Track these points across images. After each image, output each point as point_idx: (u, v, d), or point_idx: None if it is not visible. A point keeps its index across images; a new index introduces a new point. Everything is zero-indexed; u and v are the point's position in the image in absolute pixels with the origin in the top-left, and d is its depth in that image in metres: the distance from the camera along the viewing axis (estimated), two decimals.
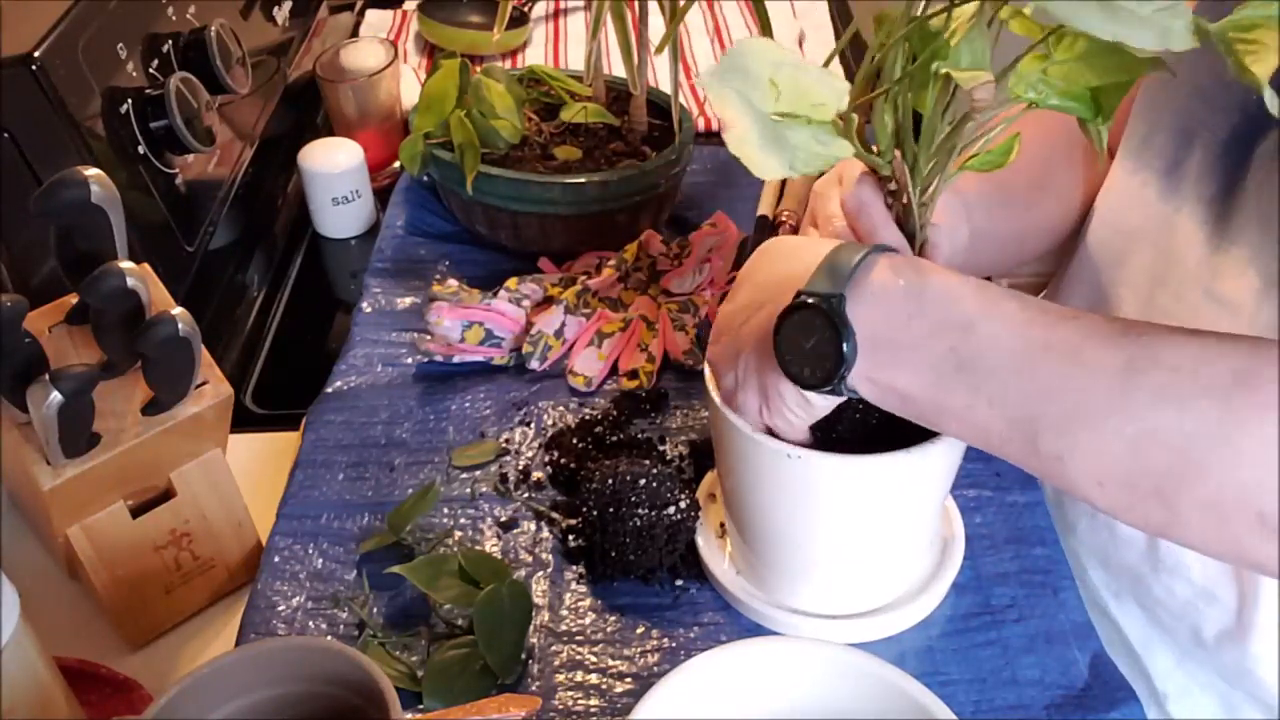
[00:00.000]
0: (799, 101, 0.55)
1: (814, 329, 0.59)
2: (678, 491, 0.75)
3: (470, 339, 0.92)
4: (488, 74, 1.03)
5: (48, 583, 0.80)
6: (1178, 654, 0.79)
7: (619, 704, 0.70)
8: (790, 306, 0.59)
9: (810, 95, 0.55)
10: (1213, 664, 0.77)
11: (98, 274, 0.64)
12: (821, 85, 0.55)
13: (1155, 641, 0.80)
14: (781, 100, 0.54)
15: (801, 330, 0.59)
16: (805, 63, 0.55)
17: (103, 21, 0.90)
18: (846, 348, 0.58)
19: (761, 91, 0.54)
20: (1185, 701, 0.79)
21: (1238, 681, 0.76)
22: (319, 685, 0.57)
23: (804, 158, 0.55)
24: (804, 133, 0.55)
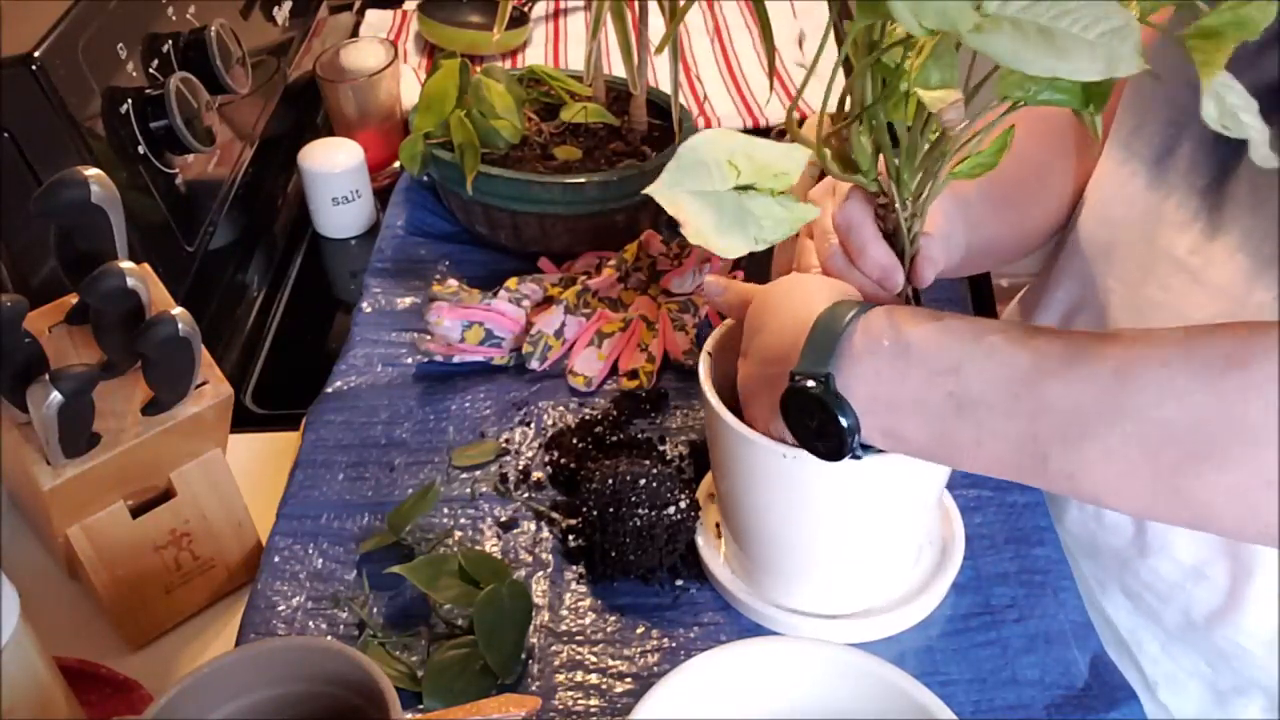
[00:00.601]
0: (759, 175, 0.55)
1: (812, 411, 0.60)
2: (678, 491, 0.76)
3: (470, 339, 0.92)
4: (488, 74, 1.03)
5: (48, 583, 0.80)
6: (1164, 638, 0.79)
7: (619, 704, 0.70)
8: (787, 392, 0.61)
9: (770, 168, 0.55)
10: (1201, 646, 0.77)
11: (98, 274, 0.64)
12: (780, 158, 0.56)
13: (1141, 629, 0.80)
14: (742, 176, 0.55)
15: (803, 413, 0.61)
16: (760, 141, 0.55)
17: (103, 21, 0.90)
18: (846, 423, 0.59)
19: (720, 172, 0.55)
20: (1173, 688, 0.79)
21: (1227, 662, 0.76)
22: (319, 685, 0.57)
23: (769, 227, 0.55)
24: (766, 202, 0.56)
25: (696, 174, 0.54)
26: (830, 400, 0.59)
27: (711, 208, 0.54)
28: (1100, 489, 0.56)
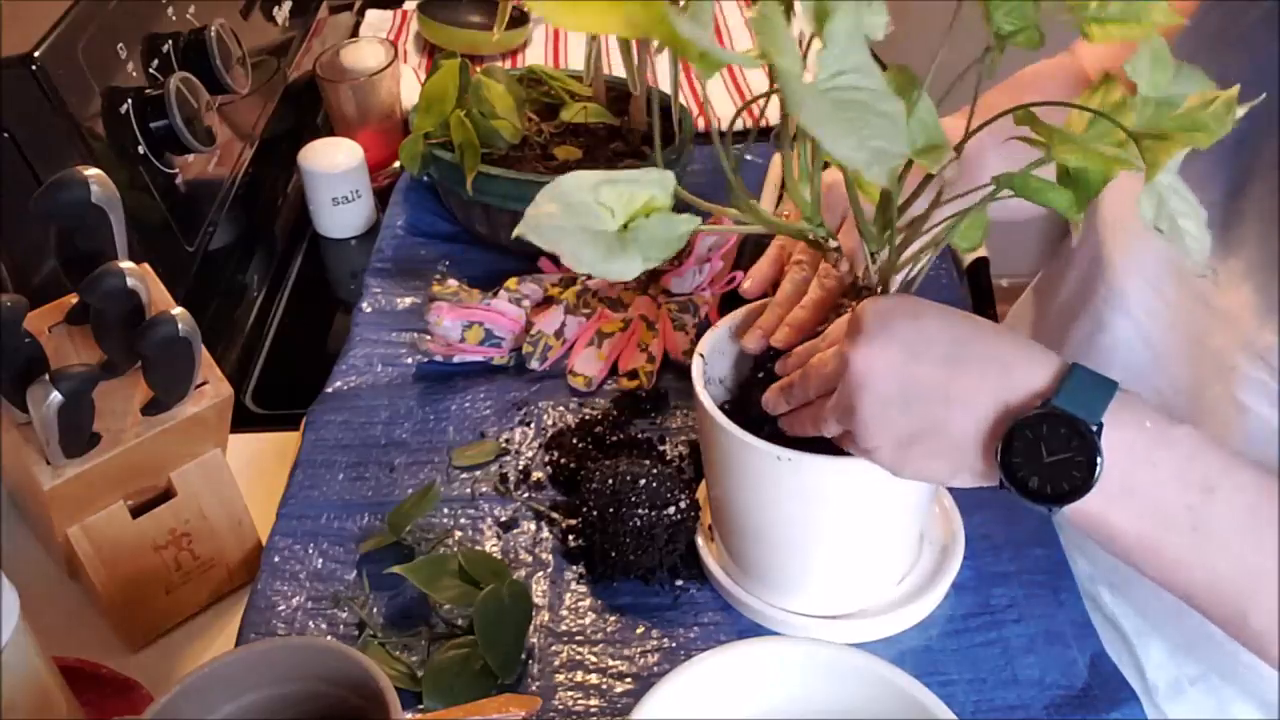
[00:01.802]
0: (632, 207, 0.55)
1: (1066, 447, 0.57)
2: (678, 491, 0.75)
3: (470, 339, 0.92)
4: (488, 74, 1.03)
5: (48, 583, 0.80)
6: (1169, 648, 0.79)
7: (619, 704, 0.70)
8: (1042, 415, 0.57)
9: (639, 198, 0.55)
10: (1207, 659, 0.77)
11: (98, 274, 0.64)
12: (643, 185, 0.55)
13: (1148, 633, 0.80)
14: (617, 215, 0.55)
15: (1050, 442, 0.57)
16: (615, 173, 0.55)
17: (103, 21, 0.90)
18: (1098, 474, 0.56)
19: (594, 216, 0.55)
20: (1175, 695, 0.79)
21: (1232, 676, 0.76)
22: (319, 685, 0.57)
23: (658, 246, 0.55)
24: (650, 226, 0.55)
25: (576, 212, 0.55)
26: (1094, 446, 0.56)
27: (591, 242, 0.54)
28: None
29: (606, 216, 0.55)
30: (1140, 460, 0.57)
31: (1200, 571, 0.58)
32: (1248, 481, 0.57)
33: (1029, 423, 0.57)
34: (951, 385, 0.59)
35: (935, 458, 0.60)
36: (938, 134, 0.55)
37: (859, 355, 0.60)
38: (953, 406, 0.59)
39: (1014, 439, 0.58)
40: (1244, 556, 0.57)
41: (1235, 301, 0.68)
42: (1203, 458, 0.58)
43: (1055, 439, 0.57)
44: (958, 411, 0.59)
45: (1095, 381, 0.58)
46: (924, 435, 0.60)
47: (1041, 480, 0.58)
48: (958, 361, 0.59)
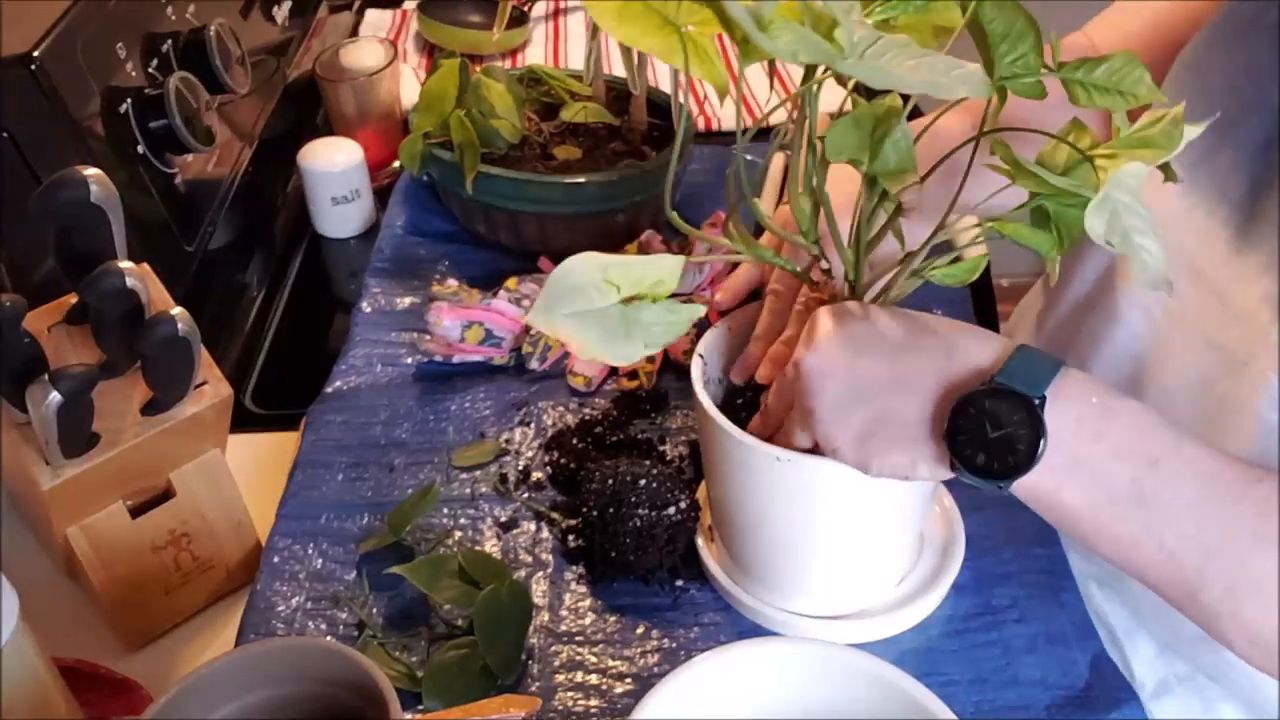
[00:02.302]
0: (638, 287, 0.57)
1: (1009, 422, 0.57)
2: (678, 492, 0.75)
3: (470, 339, 0.92)
4: (488, 74, 1.03)
5: (48, 583, 0.79)
6: (1158, 646, 0.79)
7: (619, 704, 0.70)
8: (985, 391, 0.58)
9: (646, 279, 0.57)
10: (1194, 659, 0.77)
11: (97, 274, 0.64)
12: (653, 268, 0.57)
13: (1137, 631, 0.80)
14: (623, 290, 0.57)
15: (993, 418, 0.57)
16: (628, 258, 0.57)
17: (102, 21, 0.90)
18: (1042, 447, 0.57)
19: (599, 291, 0.56)
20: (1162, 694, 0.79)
21: (1219, 676, 0.76)
22: (319, 685, 0.57)
23: (658, 333, 0.57)
24: (654, 310, 0.57)
25: (573, 298, 0.56)
26: (1039, 419, 0.57)
27: (594, 325, 0.56)
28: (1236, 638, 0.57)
29: (611, 292, 0.56)
30: (1086, 434, 0.58)
31: (1149, 547, 0.58)
32: (1194, 456, 0.57)
33: (972, 399, 0.58)
34: (898, 373, 0.60)
35: (892, 450, 0.61)
36: (910, 160, 0.57)
37: (809, 359, 0.62)
38: (899, 393, 0.60)
39: (958, 416, 0.58)
40: (1191, 532, 0.57)
41: (1253, 297, 0.68)
42: (1150, 431, 0.58)
43: (999, 414, 0.57)
44: (905, 397, 0.60)
45: (1039, 358, 0.58)
46: (878, 427, 0.61)
47: (988, 456, 0.58)
48: (903, 350, 0.61)
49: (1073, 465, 0.58)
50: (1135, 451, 0.57)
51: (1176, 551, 0.57)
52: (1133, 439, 0.58)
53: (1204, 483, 0.57)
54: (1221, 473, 0.57)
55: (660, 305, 0.57)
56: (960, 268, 0.63)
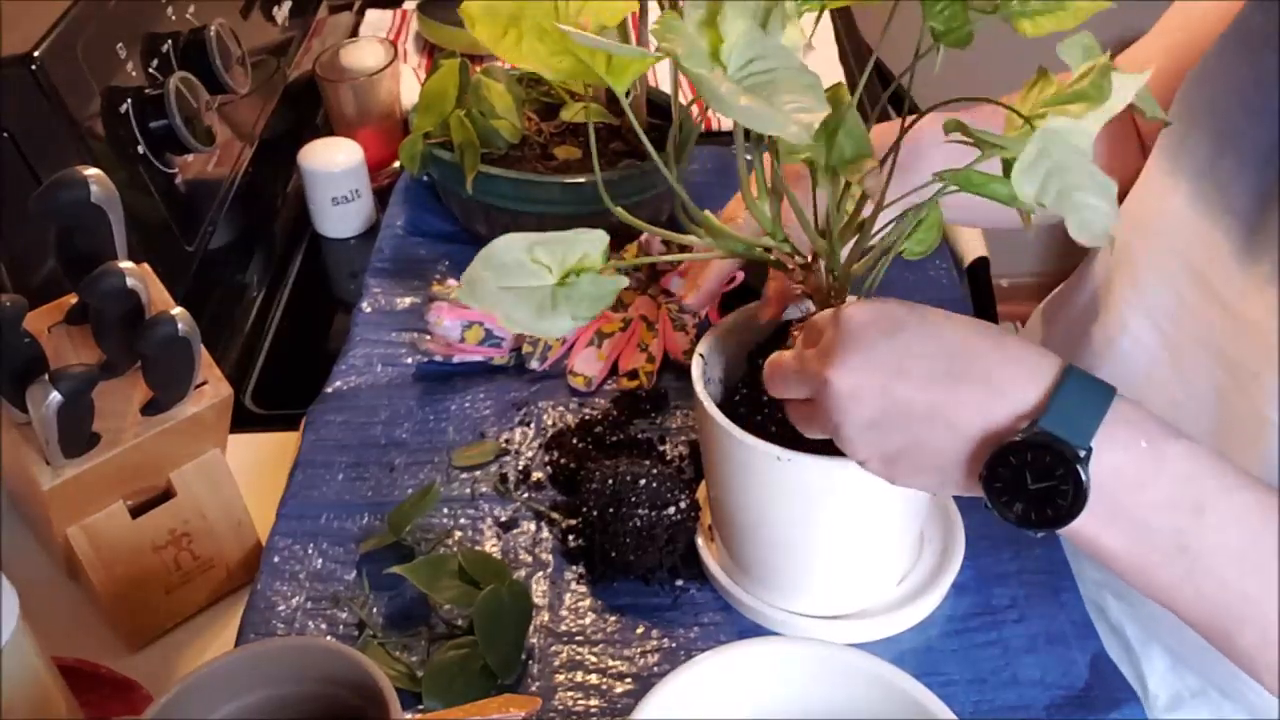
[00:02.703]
0: (566, 263, 0.58)
1: (1050, 476, 0.55)
2: (678, 491, 0.75)
3: (470, 339, 0.92)
4: (488, 74, 1.03)
5: (48, 583, 0.79)
6: (1171, 659, 0.79)
7: (619, 704, 0.70)
8: (1024, 442, 0.55)
9: (573, 255, 0.58)
10: (1207, 674, 0.77)
11: (97, 274, 0.64)
12: (578, 245, 0.58)
13: (1150, 643, 0.80)
14: (554, 271, 0.58)
15: (1033, 469, 0.55)
16: (550, 234, 0.58)
17: (102, 21, 0.90)
18: (1084, 507, 0.55)
19: (528, 273, 0.58)
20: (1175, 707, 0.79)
21: (1232, 692, 0.76)
22: (319, 685, 0.57)
23: (587, 304, 0.58)
24: (581, 285, 0.58)
25: (501, 276, 0.57)
26: (1082, 480, 0.54)
27: (526, 301, 0.57)
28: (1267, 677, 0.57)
29: (543, 274, 0.58)
30: (1130, 484, 0.56)
31: (1187, 591, 0.57)
32: (1241, 504, 0.56)
33: (1013, 449, 0.56)
34: (934, 406, 0.58)
35: (922, 472, 0.60)
36: (865, 146, 0.57)
37: (838, 376, 0.58)
38: (937, 427, 0.58)
39: (998, 465, 0.56)
40: (1232, 580, 0.56)
41: (1260, 308, 0.67)
42: (1197, 478, 0.57)
43: (1040, 465, 0.55)
44: (942, 432, 0.58)
45: (1088, 396, 0.56)
46: (910, 452, 0.59)
47: (1026, 507, 0.56)
48: (940, 381, 0.58)
49: (1113, 513, 0.56)
50: (1182, 499, 0.56)
51: (1215, 598, 0.57)
52: (1180, 486, 0.56)
53: (1249, 531, 0.56)
54: (1268, 519, 0.56)
55: (587, 277, 0.58)
56: (922, 230, 0.62)
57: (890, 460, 0.60)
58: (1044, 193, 0.51)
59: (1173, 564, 0.57)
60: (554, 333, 0.58)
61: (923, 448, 0.59)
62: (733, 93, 0.50)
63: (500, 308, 0.57)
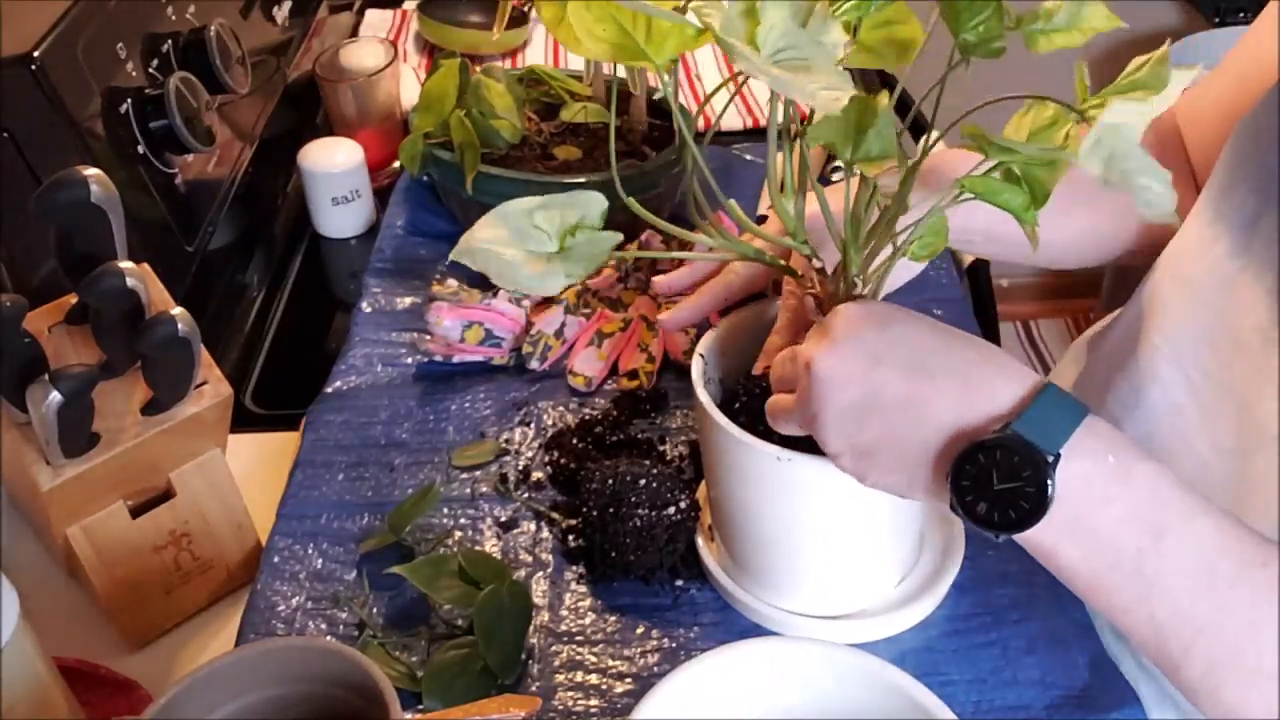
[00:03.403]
0: (565, 226, 0.59)
1: (1016, 477, 0.55)
2: (678, 491, 0.75)
3: (470, 339, 0.92)
4: (488, 74, 1.03)
5: (48, 583, 0.79)
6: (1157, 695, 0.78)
7: (619, 704, 0.70)
8: (997, 439, 0.56)
9: (571, 217, 0.59)
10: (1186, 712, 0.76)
11: (97, 274, 0.64)
12: (575, 206, 0.60)
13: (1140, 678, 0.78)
14: (554, 236, 0.59)
15: (1000, 469, 0.56)
16: (550, 198, 0.60)
17: (103, 21, 0.90)
18: (1046, 512, 0.55)
19: (529, 238, 0.59)
20: None
21: None
22: (319, 685, 0.57)
23: (583, 262, 0.59)
24: (579, 245, 0.60)
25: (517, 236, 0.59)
26: (1048, 481, 0.55)
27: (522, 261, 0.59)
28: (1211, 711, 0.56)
29: (544, 239, 0.59)
30: (1095, 497, 0.56)
31: (1140, 615, 0.57)
32: (1203, 529, 0.56)
33: (983, 447, 0.56)
34: (911, 394, 0.58)
35: (891, 470, 0.60)
36: (891, 148, 0.58)
37: (823, 360, 0.59)
38: (909, 419, 0.58)
39: (966, 462, 0.56)
40: (1184, 607, 0.56)
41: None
42: (1161, 499, 0.56)
43: (1008, 466, 0.55)
44: (914, 425, 0.58)
45: (1063, 407, 0.56)
46: (882, 445, 0.59)
47: (989, 507, 0.57)
48: (920, 372, 0.58)
49: (1074, 525, 0.56)
50: (1144, 520, 0.56)
51: (1165, 625, 0.56)
52: (1143, 506, 0.56)
53: (1206, 561, 0.56)
54: (1227, 551, 0.56)
55: (584, 235, 0.59)
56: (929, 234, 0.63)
57: (862, 454, 0.60)
58: (1109, 171, 0.52)
59: (1129, 586, 0.56)
60: (547, 290, 0.58)
61: (894, 440, 0.59)
62: (766, 61, 0.51)
63: (493, 267, 0.58)
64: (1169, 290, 0.76)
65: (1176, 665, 0.57)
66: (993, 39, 0.56)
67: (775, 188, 0.62)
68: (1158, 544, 0.56)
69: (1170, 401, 0.74)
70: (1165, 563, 0.56)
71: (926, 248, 0.63)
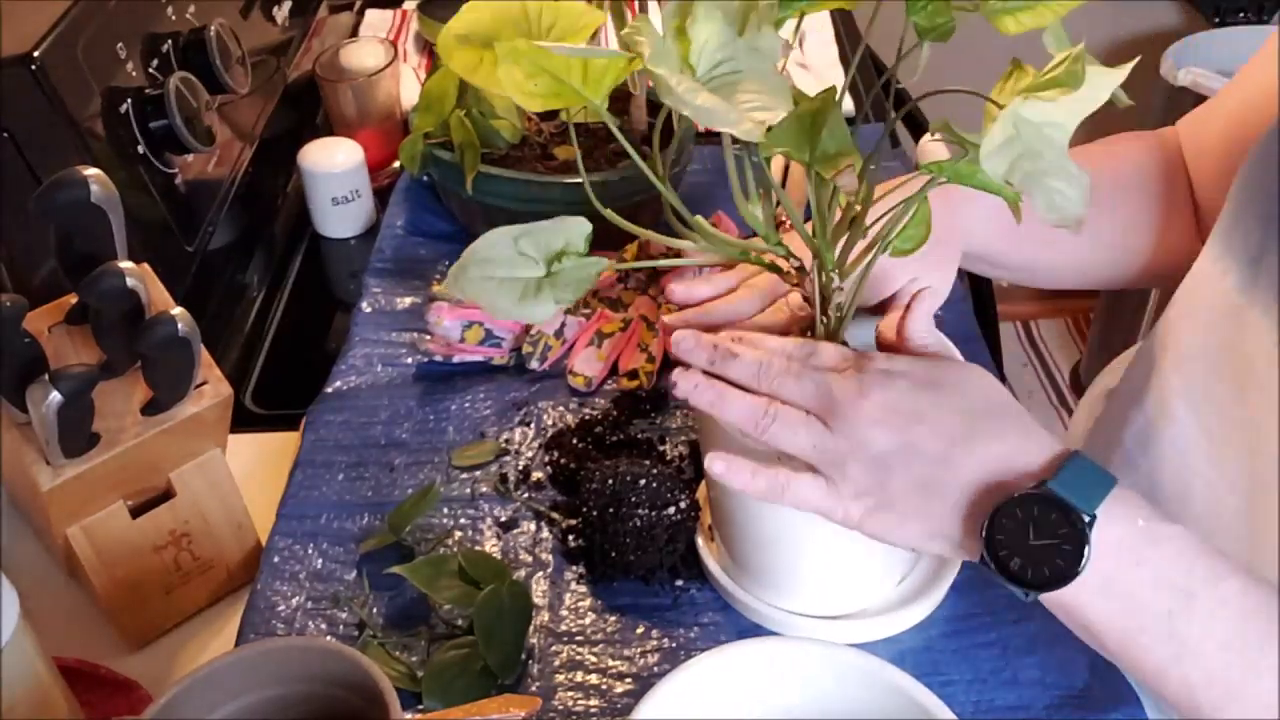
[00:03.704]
0: (550, 252, 0.60)
1: (1054, 535, 0.56)
2: (678, 492, 0.75)
3: (470, 339, 0.92)
4: None
5: (48, 583, 0.80)
6: None
7: (619, 704, 0.70)
8: (1035, 495, 0.56)
9: (555, 244, 0.60)
10: None
11: (97, 274, 0.64)
12: (559, 233, 0.61)
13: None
14: (541, 262, 0.60)
15: (1039, 526, 0.56)
16: (532, 225, 0.60)
17: (103, 21, 0.90)
18: (1082, 570, 0.56)
19: (516, 265, 0.60)
20: None
21: None
22: (319, 685, 0.57)
23: (571, 288, 0.60)
24: (565, 270, 0.60)
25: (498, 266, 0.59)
26: (1085, 539, 0.56)
27: (510, 289, 0.59)
28: None
29: (530, 265, 0.60)
30: (1127, 559, 0.57)
31: (1173, 677, 0.57)
32: (1231, 593, 0.57)
33: (1020, 501, 0.57)
34: (950, 453, 0.59)
35: (911, 520, 0.60)
36: (847, 145, 0.58)
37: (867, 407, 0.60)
38: (946, 472, 0.59)
39: (1002, 516, 0.57)
40: (1216, 670, 0.56)
41: None
42: (1189, 562, 0.57)
43: (1045, 523, 0.56)
44: (949, 479, 0.59)
45: (1095, 473, 0.57)
46: (907, 496, 0.60)
47: (1024, 563, 0.57)
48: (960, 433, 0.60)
49: (1106, 586, 0.57)
50: (1174, 583, 0.57)
51: (1198, 687, 0.57)
52: (1173, 569, 0.57)
53: (1236, 624, 0.56)
54: (1257, 613, 0.56)
55: (571, 261, 0.60)
56: (912, 225, 0.63)
57: (885, 504, 0.60)
58: (1012, 172, 0.52)
59: (1161, 648, 0.57)
60: (537, 318, 0.59)
61: (925, 490, 0.60)
62: (691, 91, 0.51)
63: (485, 298, 0.59)
64: (1181, 326, 0.75)
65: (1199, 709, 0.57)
66: (942, 23, 0.56)
67: (739, 195, 0.62)
68: (1189, 606, 0.56)
69: (1184, 439, 0.74)
70: (1197, 625, 0.56)
71: (910, 240, 0.63)
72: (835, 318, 0.66)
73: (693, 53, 0.53)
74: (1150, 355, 0.79)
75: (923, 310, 0.66)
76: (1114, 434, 0.80)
